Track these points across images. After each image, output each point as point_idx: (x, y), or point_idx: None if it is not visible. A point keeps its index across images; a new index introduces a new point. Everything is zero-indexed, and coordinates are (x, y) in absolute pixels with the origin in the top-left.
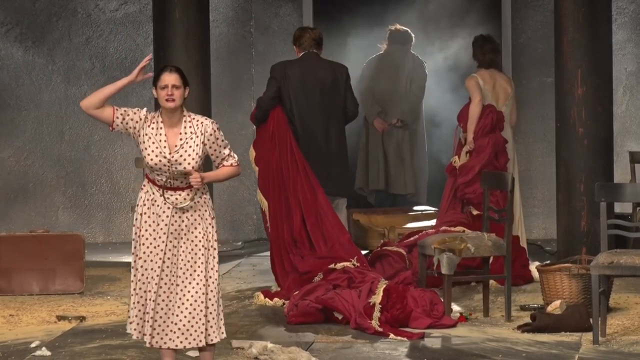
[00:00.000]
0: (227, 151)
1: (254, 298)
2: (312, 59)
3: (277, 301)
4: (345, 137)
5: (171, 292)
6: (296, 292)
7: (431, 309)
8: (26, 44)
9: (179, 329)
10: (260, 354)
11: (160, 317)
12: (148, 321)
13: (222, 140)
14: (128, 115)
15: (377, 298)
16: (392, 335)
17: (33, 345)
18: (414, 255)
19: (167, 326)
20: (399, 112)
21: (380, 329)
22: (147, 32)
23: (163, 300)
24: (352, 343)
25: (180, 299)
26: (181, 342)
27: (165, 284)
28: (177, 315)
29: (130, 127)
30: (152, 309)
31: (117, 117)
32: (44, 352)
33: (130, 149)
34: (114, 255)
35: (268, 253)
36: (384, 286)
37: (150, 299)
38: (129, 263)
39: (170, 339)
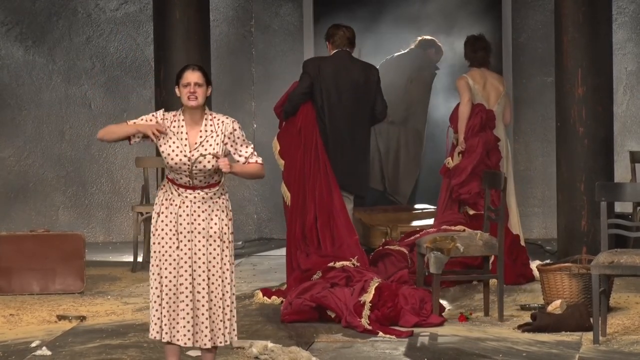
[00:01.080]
0: (250, 150)
1: (253, 297)
2: (345, 58)
3: (275, 299)
4: (370, 138)
5: (197, 286)
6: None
7: (421, 307)
8: (26, 43)
9: (206, 327)
10: (260, 353)
11: (196, 315)
12: (189, 321)
13: (244, 140)
14: (143, 124)
15: (367, 296)
16: (380, 334)
17: (33, 344)
18: (416, 254)
19: (202, 323)
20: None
21: (369, 327)
22: (147, 32)
23: (199, 297)
24: (353, 343)
25: (203, 297)
26: (210, 339)
27: (190, 283)
28: (205, 312)
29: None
30: (192, 309)
31: (134, 134)
32: (45, 351)
33: (131, 148)
34: (114, 255)
35: (268, 252)
36: (376, 284)
37: (185, 298)
38: (130, 263)
39: (204, 336)
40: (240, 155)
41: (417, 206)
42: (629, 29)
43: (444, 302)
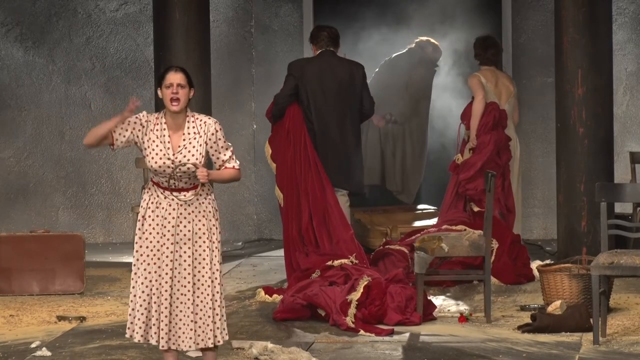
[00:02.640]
0: (229, 153)
1: (255, 294)
2: (329, 57)
3: (276, 297)
4: (361, 134)
5: (176, 292)
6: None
7: (406, 305)
8: (26, 44)
9: (191, 329)
10: (260, 354)
11: (174, 319)
12: (167, 325)
13: (224, 142)
14: (127, 130)
15: (355, 295)
16: (361, 332)
17: (33, 345)
18: None
19: (180, 328)
20: (392, 109)
21: (352, 326)
22: (147, 32)
23: (177, 303)
24: (353, 343)
25: (189, 299)
26: (194, 342)
27: (174, 285)
28: (187, 316)
29: (134, 137)
30: (170, 313)
31: (117, 139)
32: (44, 352)
33: (131, 149)
34: (114, 256)
35: (268, 253)
36: (365, 283)
37: (164, 301)
38: (130, 263)
39: (182, 340)
40: (218, 158)
41: (417, 206)
42: (629, 30)
43: (440, 302)
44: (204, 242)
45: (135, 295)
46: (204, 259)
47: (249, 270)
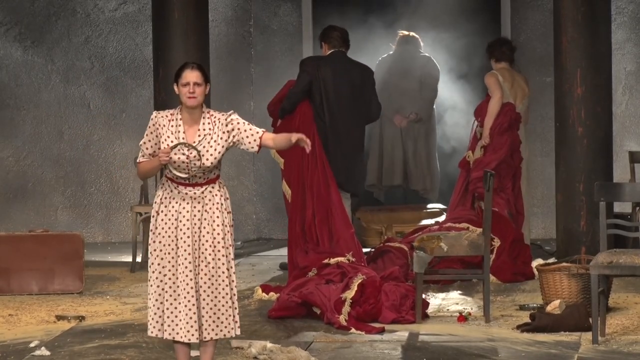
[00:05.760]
0: (255, 127)
1: (253, 293)
2: (342, 58)
3: (273, 295)
4: (364, 138)
5: (201, 284)
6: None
7: (401, 304)
8: (25, 43)
9: (214, 321)
10: (259, 353)
11: (201, 311)
12: (192, 317)
13: (247, 124)
14: (150, 140)
15: (349, 293)
16: (352, 330)
17: (32, 345)
18: None
19: (206, 319)
20: (412, 108)
21: (344, 324)
22: (146, 32)
23: (204, 296)
24: (352, 342)
25: (213, 292)
26: (216, 333)
27: (192, 279)
28: (211, 308)
29: (158, 136)
30: (198, 306)
31: (151, 153)
32: (43, 351)
33: (130, 148)
34: (113, 255)
35: (267, 252)
36: (360, 281)
37: (187, 294)
38: (129, 263)
39: (205, 329)
40: (251, 135)
41: (420, 205)
42: (628, 29)
43: (439, 301)
44: (219, 234)
45: (159, 295)
46: (219, 250)
47: (248, 270)
